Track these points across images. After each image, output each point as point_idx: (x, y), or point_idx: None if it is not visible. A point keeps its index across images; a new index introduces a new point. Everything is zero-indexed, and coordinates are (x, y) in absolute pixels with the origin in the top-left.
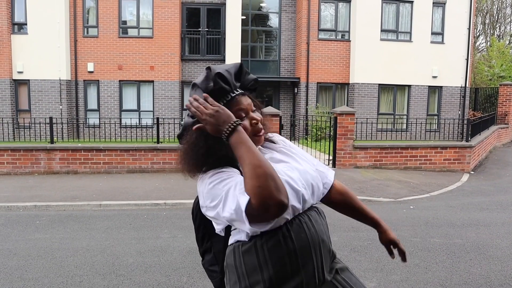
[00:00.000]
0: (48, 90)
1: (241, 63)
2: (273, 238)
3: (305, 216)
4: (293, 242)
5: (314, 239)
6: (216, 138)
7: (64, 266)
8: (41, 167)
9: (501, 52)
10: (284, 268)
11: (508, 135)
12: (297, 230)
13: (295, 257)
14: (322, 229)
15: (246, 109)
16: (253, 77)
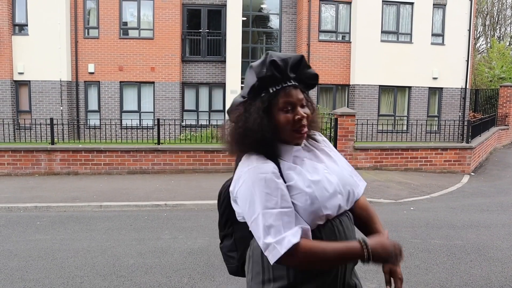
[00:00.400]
0: (49, 91)
1: (302, 56)
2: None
3: (337, 221)
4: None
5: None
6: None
7: (65, 267)
8: (41, 168)
9: (502, 54)
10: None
11: (508, 136)
12: (328, 234)
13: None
14: (351, 235)
15: (294, 102)
16: (313, 72)
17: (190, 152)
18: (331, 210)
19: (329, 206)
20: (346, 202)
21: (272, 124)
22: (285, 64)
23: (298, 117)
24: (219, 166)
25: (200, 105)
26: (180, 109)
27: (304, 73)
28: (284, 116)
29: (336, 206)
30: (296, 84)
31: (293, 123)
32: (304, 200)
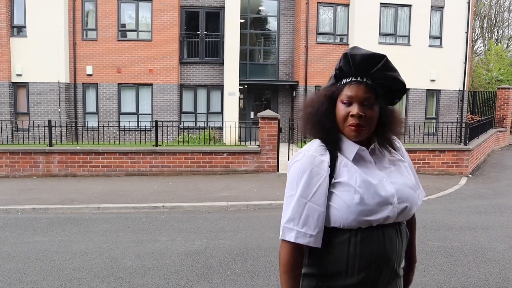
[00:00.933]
0: (47, 93)
1: (385, 56)
2: (342, 236)
3: (380, 230)
4: (356, 248)
5: (381, 255)
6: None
7: (63, 269)
8: (39, 170)
9: (499, 56)
10: (340, 266)
11: (506, 138)
12: (365, 239)
13: (354, 262)
14: (394, 249)
15: (353, 97)
16: (392, 75)
17: (188, 154)
18: (376, 218)
19: (375, 213)
20: (396, 215)
21: (333, 114)
22: (358, 59)
23: (352, 113)
24: (217, 168)
25: (198, 107)
26: (178, 111)
27: (379, 74)
28: (342, 108)
29: (383, 216)
30: (364, 81)
31: (346, 117)
32: (351, 199)
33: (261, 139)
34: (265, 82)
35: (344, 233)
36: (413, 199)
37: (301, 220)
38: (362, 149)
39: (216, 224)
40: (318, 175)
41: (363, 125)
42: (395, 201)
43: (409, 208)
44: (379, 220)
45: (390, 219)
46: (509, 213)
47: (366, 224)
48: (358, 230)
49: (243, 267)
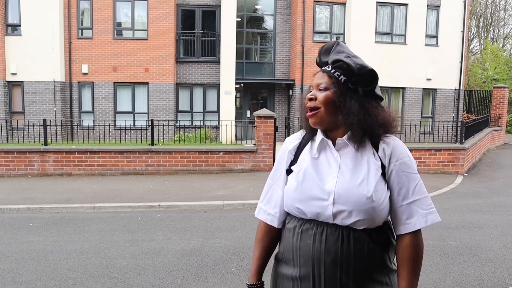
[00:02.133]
0: (42, 92)
1: (336, 41)
2: (290, 224)
3: (320, 228)
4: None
5: (316, 254)
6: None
7: (58, 269)
8: (34, 169)
9: (495, 55)
10: (288, 255)
11: (501, 137)
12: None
13: (297, 253)
14: (334, 254)
15: (312, 85)
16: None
17: (184, 153)
18: (306, 209)
19: (305, 204)
20: (332, 216)
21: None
22: (320, 50)
23: (308, 95)
24: (213, 167)
25: (194, 106)
26: (174, 110)
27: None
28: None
29: (313, 210)
30: (324, 69)
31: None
32: (291, 184)
33: (257, 138)
34: (262, 80)
35: (293, 221)
36: (359, 206)
37: (265, 199)
38: (325, 141)
39: (212, 223)
40: (282, 161)
41: (316, 106)
42: (330, 199)
43: (348, 214)
44: (312, 213)
45: (326, 218)
46: (504, 212)
47: (300, 213)
48: (302, 222)
49: (239, 266)
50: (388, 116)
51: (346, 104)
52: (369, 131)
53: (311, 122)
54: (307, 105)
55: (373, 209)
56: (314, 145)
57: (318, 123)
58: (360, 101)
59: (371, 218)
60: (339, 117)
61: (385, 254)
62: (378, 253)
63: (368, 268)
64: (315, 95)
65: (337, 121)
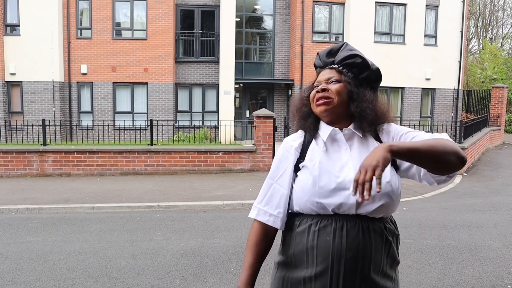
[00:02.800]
0: (41, 92)
1: (345, 42)
2: (304, 224)
3: (340, 223)
4: (314, 237)
5: (336, 249)
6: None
7: (56, 269)
8: (33, 170)
9: (494, 55)
10: (301, 256)
11: (500, 137)
12: (324, 230)
13: (312, 252)
14: (357, 247)
15: (319, 80)
16: (347, 54)
17: (183, 153)
18: (328, 201)
19: (327, 197)
20: (355, 205)
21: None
22: (324, 52)
23: (317, 89)
24: (213, 167)
25: (194, 106)
26: (173, 110)
27: (341, 57)
28: (312, 92)
29: (336, 202)
30: (332, 66)
31: (314, 96)
32: (307, 179)
33: (256, 138)
34: (261, 80)
35: (307, 221)
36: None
37: (264, 199)
38: (335, 131)
39: (211, 223)
40: (286, 159)
41: (329, 96)
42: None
43: (371, 201)
44: (334, 205)
45: (348, 208)
46: (503, 211)
47: (321, 208)
48: (319, 219)
49: (238, 266)
50: (390, 109)
51: (360, 93)
52: (376, 121)
53: (320, 110)
54: (319, 95)
55: (392, 193)
56: (319, 139)
57: (328, 112)
58: (370, 92)
59: (391, 202)
60: (352, 107)
61: (396, 248)
62: (392, 246)
63: (384, 262)
64: (327, 87)
65: (345, 113)
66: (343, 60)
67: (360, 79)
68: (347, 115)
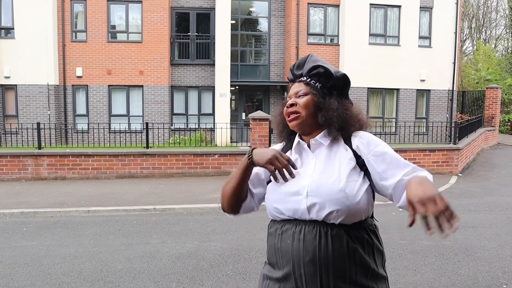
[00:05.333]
0: (36, 95)
1: (310, 54)
2: (272, 227)
3: (298, 227)
4: (278, 240)
5: (295, 253)
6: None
7: (51, 273)
8: (28, 173)
9: (487, 56)
10: (271, 258)
11: (495, 137)
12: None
13: (279, 254)
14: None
15: (290, 95)
16: (311, 65)
17: (179, 156)
18: (284, 207)
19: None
20: (307, 210)
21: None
22: (293, 65)
23: (286, 104)
24: (209, 169)
25: (189, 109)
26: (169, 112)
27: (307, 69)
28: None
29: (291, 207)
30: (300, 79)
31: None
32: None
33: (252, 140)
34: (257, 83)
35: (275, 225)
36: (331, 196)
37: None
38: (302, 143)
39: (208, 226)
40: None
41: (297, 111)
42: (304, 193)
43: (321, 206)
44: (289, 210)
45: (301, 213)
46: (498, 211)
47: (279, 213)
48: (283, 223)
49: (235, 269)
50: (362, 112)
51: (326, 102)
52: (346, 126)
53: (292, 125)
54: (288, 111)
55: (346, 199)
56: (293, 147)
57: (298, 126)
58: (338, 100)
59: (346, 209)
60: (319, 117)
61: (368, 256)
62: (359, 253)
63: (350, 269)
64: (295, 101)
65: (316, 123)
66: (308, 71)
67: (328, 88)
68: (319, 124)
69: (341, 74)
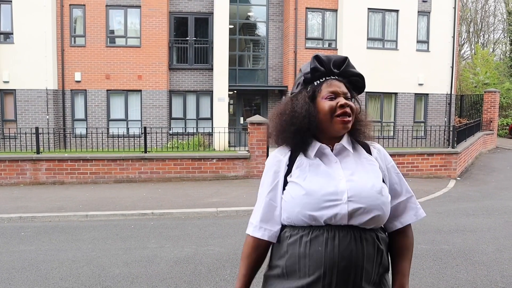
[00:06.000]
0: (35, 100)
1: (346, 57)
2: (296, 235)
3: (332, 233)
4: (306, 247)
5: (329, 259)
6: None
7: (49, 278)
8: (26, 178)
9: (485, 60)
10: (293, 266)
11: (493, 141)
12: (316, 240)
13: (305, 262)
14: (350, 256)
15: (337, 91)
16: (356, 71)
17: (177, 160)
18: (322, 213)
19: (321, 209)
20: (348, 216)
21: (314, 114)
22: (328, 59)
23: (341, 103)
24: (207, 174)
25: (188, 113)
26: (167, 117)
27: (348, 71)
28: (328, 103)
29: (330, 213)
30: (341, 79)
31: (336, 109)
32: (298, 192)
33: (250, 145)
34: (255, 87)
35: (298, 232)
36: (373, 201)
37: (261, 216)
38: (323, 147)
39: (206, 230)
40: (276, 173)
41: (350, 114)
42: (344, 198)
43: (364, 211)
44: (326, 216)
45: (340, 219)
46: (496, 215)
47: (313, 220)
48: (310, 229)
49: (232, 273)
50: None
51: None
52: (366, 132)
53: (343, 127)
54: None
55: (384, 204)
56: (308, 154)
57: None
58: (362, 108)
59: (382, 214)
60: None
61: (387, 256)
62: (383, 255)
63: (375, 271)
64: (349, 104)
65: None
66: (350, 76)
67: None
68: None
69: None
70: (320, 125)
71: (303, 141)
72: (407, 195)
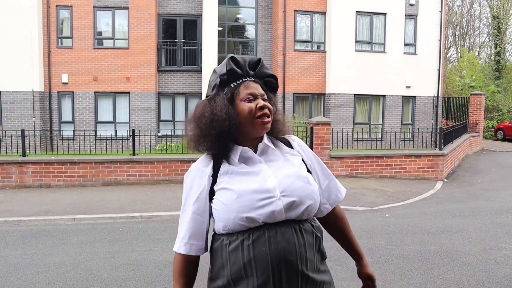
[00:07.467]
0: (21, 102)
1: (260, 58)
2: (235, 242)
3: (273, 231)
4: (249, 251)
5: (275, 256)
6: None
7: (36, 283)
8: (12, 181)
9: (471, 63)
10: (239, 273)
11: (479, 143)
12: (258, 241)
13: (251, 265)
14: (293, 249)
15: (255, 93)
16: (269, 72)
17: (166, 163)
18: (258, 213)
19: (256, 209)
20: (284, 210)
21: (236, 115)
22: (243, 61)
23: (260, 104)
24: None
25: (177, 115)
26: (156, 119)
27: (262, 72)
28: (248, 105)
29: (267, 211)
30: (257, 80)
31: (256, 111)
32: (229, 197)
33: None
34: None
35: (237, 237)
36: (303, 192)
37: (187, 233)
38: (245, 150)
39: None
40: (200, 186)
41: (269, 115)
42: (277, 194)
43: (298, 203)
44: (264, 215)
45: (278, 215)
46: (482, 216)
47: (251, 222)
48: (250, 232)
49: None
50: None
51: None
52: (283, 129)
53: (263, 128)
54: (265, 112)
55: (313, 192)
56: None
57: (267, 129)
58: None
59: (314, 202)
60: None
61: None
62: (321, 241)
63: (315, 258)
64: (267, 105)
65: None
66: (265, 77)
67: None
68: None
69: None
70: (241, 127)
71: (225, 146)
72: (330, 177)
